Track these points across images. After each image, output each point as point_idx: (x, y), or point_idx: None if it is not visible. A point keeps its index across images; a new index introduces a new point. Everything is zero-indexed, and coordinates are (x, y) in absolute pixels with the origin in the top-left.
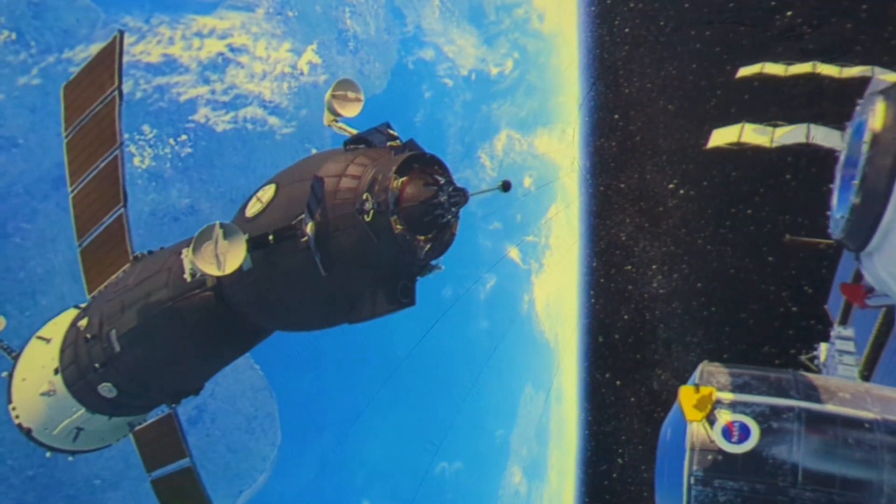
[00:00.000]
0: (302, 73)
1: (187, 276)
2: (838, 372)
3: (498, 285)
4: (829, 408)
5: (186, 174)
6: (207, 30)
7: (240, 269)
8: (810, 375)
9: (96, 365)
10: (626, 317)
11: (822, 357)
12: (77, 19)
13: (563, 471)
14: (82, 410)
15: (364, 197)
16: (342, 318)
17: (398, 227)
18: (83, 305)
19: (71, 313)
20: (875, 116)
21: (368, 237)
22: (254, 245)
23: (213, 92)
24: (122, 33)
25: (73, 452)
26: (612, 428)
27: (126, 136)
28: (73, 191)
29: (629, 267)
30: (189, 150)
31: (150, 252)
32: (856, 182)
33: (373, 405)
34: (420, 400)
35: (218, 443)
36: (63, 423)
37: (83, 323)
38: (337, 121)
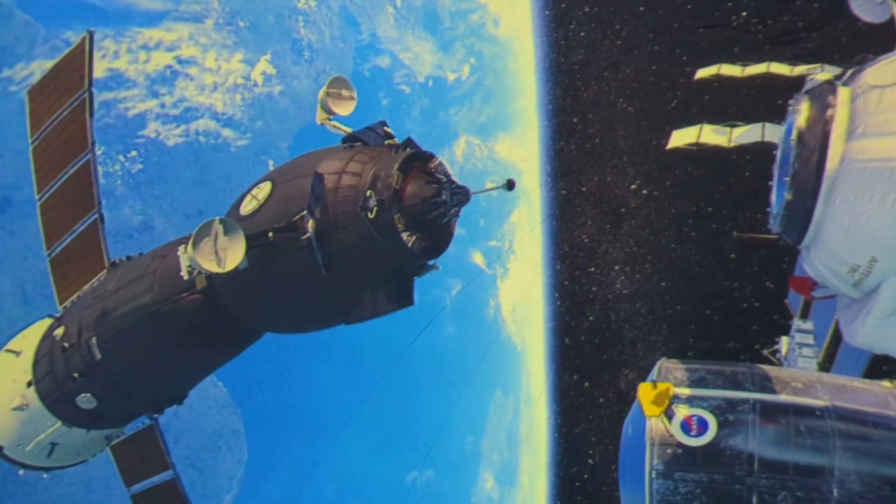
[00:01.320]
0: (256, 84)
1: (184, 274)
2: (798, 364)
3: (464, 291)
4: (783, 398)
5: (138, 191)
6: (154, 42)
7: (235, 268)
8: (765, 367)
9: (75, 375)
10: (591, 318)
11: (784, 350)
12: (15, 36)
13: (534, 474)
14: (58, 424)
15: (367, 194)
16: (340, 318)
17: (401, 224)
18: (58, 315)
19: (43, 324)
20: (800, 115)
21: (371, 235)
22: (253, 243)
23: (162, 105)
24: (91, 33)
25: (47, 469)
26: (582, 429)
27: None
28: (40, 198)
29: (593, 269)
30: (140, 166)
31: (129, 258)
32: (787, 179)
33: (340, 416)
34: (389, 409)
35: (183, 463)
36: (37, 439)
37: (59, 332)
38: (330, 119)
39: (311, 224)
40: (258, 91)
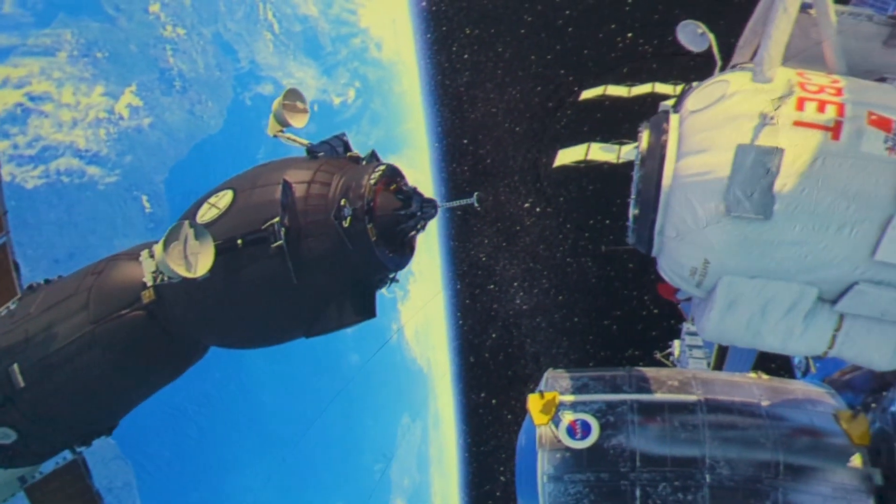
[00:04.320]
0: (121, 118)
1: (147, 280)
2: (689, 365)
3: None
4: (658, 396)
5: None
6: (0, 80)
7: (195, 278)
8: (643, 369)
9: None
10: (494, 335)
11: (676, 353)
12: None
13: (446, 496)
14: None
15: (342, 203)
16: (303, 330)
17: (373, 235)
18: None
19: None
20: (642, 142)
21: (342, 243)
22: (220, 250)
23: (15, 146)
24: None
25: None
26: (492, 447)
27: None
28: None
29: (492, 286)
30: None
31: (48, 280)
32: (633, 196)
33: (240, 458)
34: (292, 443)
35: None
36: None
37: None
38: (283, 131)
39: (282, 232)
40: (124, 125)
